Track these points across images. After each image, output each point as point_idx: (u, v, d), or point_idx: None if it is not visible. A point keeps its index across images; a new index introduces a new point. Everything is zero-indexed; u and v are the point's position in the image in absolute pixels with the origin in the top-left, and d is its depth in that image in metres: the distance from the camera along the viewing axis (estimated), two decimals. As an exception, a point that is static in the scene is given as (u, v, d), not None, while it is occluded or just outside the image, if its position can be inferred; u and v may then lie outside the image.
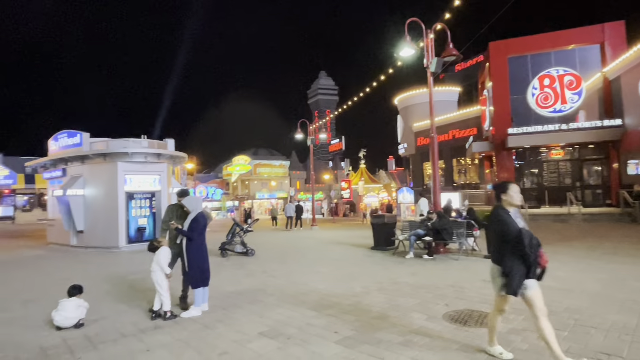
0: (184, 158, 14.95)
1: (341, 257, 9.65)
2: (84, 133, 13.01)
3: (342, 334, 4.03)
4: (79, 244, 12.90)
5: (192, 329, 4.34)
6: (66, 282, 5.69)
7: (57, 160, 13.91)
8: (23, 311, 5.30)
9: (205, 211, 5.13)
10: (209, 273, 4.97)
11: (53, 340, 4.08)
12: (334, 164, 69.53)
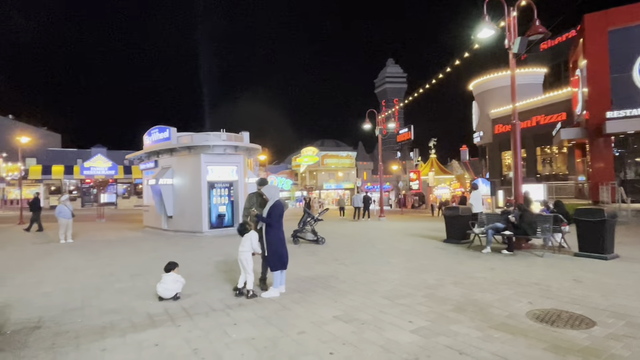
0: (258, 150, 15.79)
1: (412, 249, 9.49)
2: (172, 128, 14.42)
3: (416, 324, 4.02)
4: (169, 227, 14.44)
5: (271, 308, 4.67)
6: (162, 260, 6.48)
7: (151, 153, 15.63)
8: (132, 283, 6.15)
9: (282, 199, 5.43)
10: (287, 257, 5.27)
11: (157, 309, 4.70)
12: (402, 154, 67.77)
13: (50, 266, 7.80)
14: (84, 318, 4.40)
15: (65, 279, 6.49)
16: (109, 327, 4.10)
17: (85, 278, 6.56)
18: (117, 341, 3.70)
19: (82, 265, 7.89)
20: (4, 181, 37.90)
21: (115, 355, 3.37)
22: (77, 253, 9.55)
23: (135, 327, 4.09)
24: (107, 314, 4.52)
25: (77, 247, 10.74)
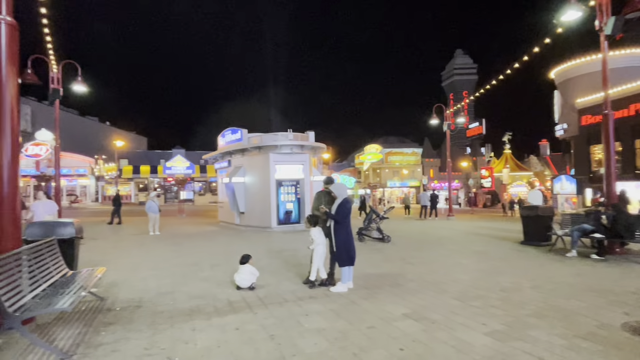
0: (322, 148, 16.13)
1: (484, 250, 9.01)
2: (243, 129, 15.35)
3: (490, 327, 3.87)
4: (241, 223, 15.41)
5: (340, 302, 4.81)
6: (236, 252, 6.99)
7: (224, 153, 16.82)
8: (212, 272, 6.74)
9: (350, 197, 5.55)
10: (355, 254, 5.39)
11: (235, 297, 5.12)
12: (472, 150, 64.04)
13: (143, 255, 8.84)
14: (175, 301, 4.96)
15: (157, 267, 7.32)
16: (196, 310, 4.57)
17: (172, 266, 7.33)
18: (203, 323, 4.12)
19: (169, 255, 8.80)
20: (104, 179, 43.37)
21: (203, 335, 3.77)
22: (164, 244, 10.67)
23: (218, 311, 4.51)
24: (194, 299, 5.04)
25: (164, 239, 11.98)
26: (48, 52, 12.16)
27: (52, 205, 8.84)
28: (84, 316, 4.38)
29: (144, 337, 3.74)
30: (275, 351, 3.38)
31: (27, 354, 3.36)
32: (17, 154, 3.97)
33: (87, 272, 4.90)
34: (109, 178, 42.53)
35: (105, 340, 3.67)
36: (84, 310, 4.60)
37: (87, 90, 13.41)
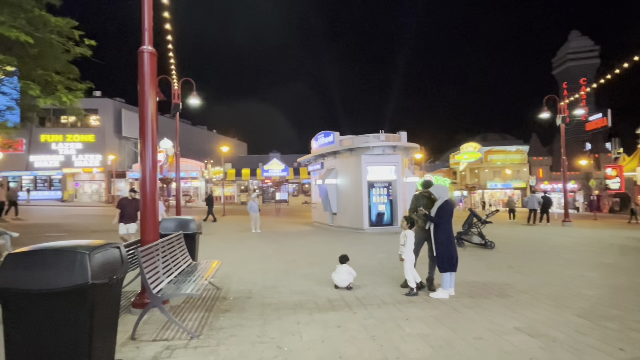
0: (415, 148, 15.63)
1: (615, 263, 7.71)
2: (335, 132, 15.72)
3: (631, 354, 3.30)
4: (334, 224, 15.79)
5: (442, 309, 4.61)
6: (331, 252, 7.19)
7: (317, 156, 17.45)
8: (311, 270, 7.06)
9: (452, 199, 5.29)
10: (457, 259, 5.11)
11: (334, 295, 5.28)
12: (593, 145, 55.27)
13: (248, 250, 9.67)
14: (279, 295, 5.33)
15: (261, 262, 7.95)
16: (299, 305, 4.84)
17: (274, 263, 7.87)
18: (306, 318, 4.34)
19: (270, 252, 9.47)
20: (212, 181, 48.62)
21: (307, 329, 3.98)
22: (265, 242, 11.51)
23: (319, 308, 4.71)
24: (296, 294, 5.35)
25: (264, 236, 12.93)
26: (171, 72, 14.16)
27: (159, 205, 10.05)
28: (205, 302, 4.98)
29: (255, 325, 4.10)
30: (378, 352, 3.39)
31: (166, 330, 3.96)
32: (156, 161, 4.72)
33: (205, 264, 5.57)
34: (216, 180, 47.50)
35: (224, 324, 4.12)
36: (204, 297, 5.23)
37: (200, 103, 15.23)
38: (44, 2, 6.90)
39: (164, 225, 5.96)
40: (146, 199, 4.69)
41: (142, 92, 4.61)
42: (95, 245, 2.67)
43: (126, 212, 8.55)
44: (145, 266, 3.83)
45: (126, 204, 8.67)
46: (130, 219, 8.54)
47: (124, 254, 3.03)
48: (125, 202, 8.73)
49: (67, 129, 36.96)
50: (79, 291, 2.45)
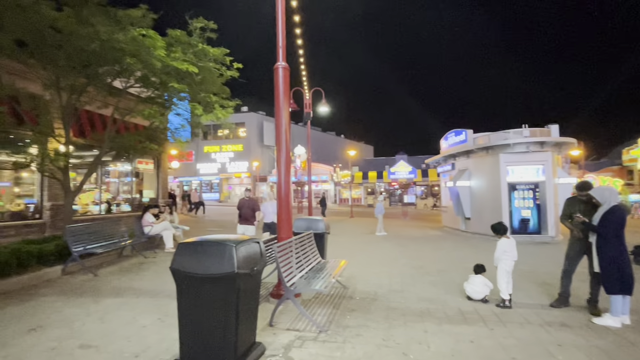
0: (571, 144, 13.17)
1: None
2: (468, 130, 14.49)
3: None
4: (467, 229, 14.54)
5: (610, 340, 3.74)
6: (462, 260, 6.61)
7: (447, 156, 16.38)
8: (439, 277, 6.66)
9: (623, 204, 4.26)
10: (633, 279, 4.08)
11: (467, 307, 4.85)
12: None
13: (373, 252, 9.72)
14: (405, 300, 5.19)
15: (386, 265, 7.88)
16: (426, 313, 4.62)
17: (400, 267, 7.71)
18: (435, 327, 4.10)
19: (396, 255, 9.31)
20: (340, 184, 50.80)
21: (435, 339, 3.76)
22: (390, 244, 11.37)
23: (449, 319, 4.39)
24: (423, 301, 5.11)
25: (390, 239, 12.79)
26: (303, 83, 15.40)
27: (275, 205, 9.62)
28: (332, 300, 5.21)
29: (381, 328, 4.08)
30: (520, 378, 2.96)
31: (298, 321, 4.29)
32: (289, 166, 5.18)
33: (333, 262, 5.83)
34: (344, 183, 49.41)
35: (350, 323, 4.23)
36: (332, 294, 5.47)
37: (329, 110, 16.09)
38: (204, 37, 8.39)
39: (296, 225, 6.48)
40: (281, 200, 5.18)
41: (277, 104, 5.14)
42: (241, 240, 3.08)
43: (242, 213, 8.39)
44: (280, 261, 4.23)
45: (242, 204, 8.47)
46: (246, 220, 8.35)
47: (263, 249, 3.41)
48: (242, 202, 8.53)
49: (222, 140, 43.95)
50: (228, 278, 2.87)
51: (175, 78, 8.08)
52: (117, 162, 14.93)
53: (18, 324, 4.18)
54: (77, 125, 9.73)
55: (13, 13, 6.65)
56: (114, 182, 15.76)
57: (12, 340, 3.73)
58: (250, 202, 8.47)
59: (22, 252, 6.02)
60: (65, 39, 7.26)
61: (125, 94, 9.09)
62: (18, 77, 8.31)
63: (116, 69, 8.24)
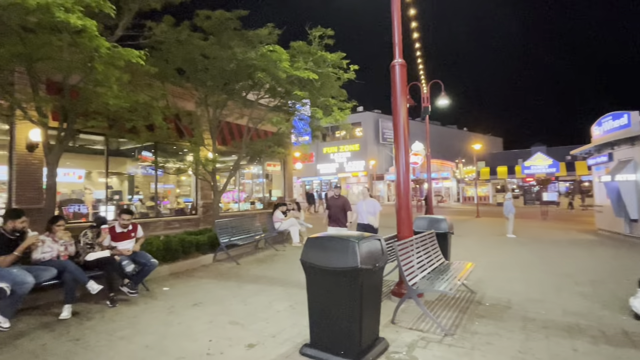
0: None
1: None
2: (633, 112, 11.80)
3: None
4: (632, 233, 11.84)
5: None
6: (627, 270, 5.42)
7: (601, 146, 13.63)
8: (592, 289, 5.62)
9: None
10: None
11: (634, 327, 3.99)
12: None
13: (504, 255, 8.75)
14: (547, 312, 4.55)
15: (522, 271, 7.02)
16: (576, 329, 3.97)
17: (539, 273, 6.76)
18: (589, 347, 3.50)
19: (534, 260, 8.19)
20: (464, 181, 47.18)
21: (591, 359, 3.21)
22: (526, 248, 10.05)
23: (608, 339, 3.69)
24: (571, 315, 4.40)
25: (525, 242, 11.31)
26: (420, 77, 14.85)
27: (373, 205, 7.47)
28: (457, 304, 4.92)
29: (516, 339, 3.68)
30: None
31: (421, 321, 4.20)
32: (408, 163, 5.10)
33: (458, 264, 5.48)
34: (468, 180, 45.71)
35: (478, 330, 3.94)
36: (457, 298, 5.16)
37: (449, 103, 15.14)
38: (323, 44, 8.89)
39: (417, 224, 6.32)
40: (401, 198, 5.13)
41: (394, 101, 5.11)
42: (363, 237, 3.19)
43: (331, 213, 7.39)
44: (401, 259, 4.20)
45: (331, 203, 7.49)
46: (336, 221, 7.31)
47: (384, 246, 3.45)
48: (331, 201, 7.55)
49: (340, 141, 45.59)
50: (352, 272, 3.00)
51: (297, 86, 8.78)
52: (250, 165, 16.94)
53: (185, 298, 5.16)
54: (220, 135, 11.40)
55: (175, 48, 8.19)
56: (248, 183, 17.95)
57: (182, 311, 4.63)
58: (340, 201, 7.47)
59: (186, 242, 7.39)
60: (211, 63, 8.61)
61: (257, 105, 10.27)
62: (178, 98, 10.19)
63: (249, 84, 9.39)
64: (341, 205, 7.38)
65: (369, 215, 7.28)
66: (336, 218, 7.35)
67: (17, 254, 4.29)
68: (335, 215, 7.37)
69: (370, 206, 7.38)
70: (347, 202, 7.51)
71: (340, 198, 7.53)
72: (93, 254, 5.06)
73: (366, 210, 7.36)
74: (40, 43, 4.52)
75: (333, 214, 7.40)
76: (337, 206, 7.40)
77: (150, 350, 3.51)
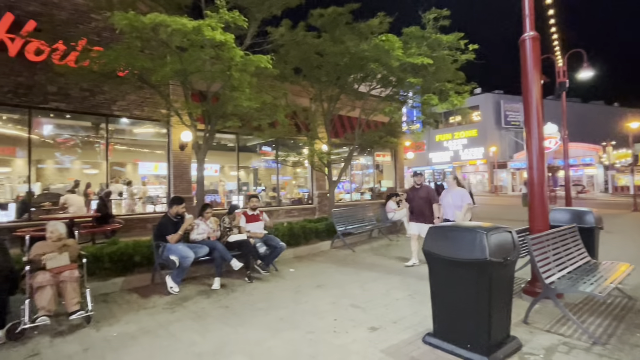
0: None
1: None
2: None
3: None
4: None
5: None
6: None
7: None
8: None
9: None
10: None
11: None
12: None
13: (680, 259, 7.05)
14: None
15: None
16: None
17: None
18: None
19: None
20: (613, 168, 39.23)
21: None
22: None
23: None
24: None
25: None
26: (553, 49, 12.84)
27: (461, 196, 6.21)
28: (609, 310, 4.22)
29: (697, 359, 3.00)
30: None
31: (561, 325, 3.75)
32: (542, 148, 4.54)
33: (608, 265, 4.68)
34: (621, 166, 37.83)
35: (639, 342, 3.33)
36: (609, 303, 4.43)
37: (592, 75, 12.75)
38: (437, 27, 8.44)
39: (553, 217, 5.59)
40: (534, 188, 4.61)
41: (525, 79, 4.58)
42: (491, 228, 3.01)
43: (413, 207, 6.43)
44: (535, 254, 3.81)
45: (413, 195, 6.49)
46: (420, 216, 6.31)
47: (516, 239, 3.19)
48: (412, 192, 6.56)
49: (454, 127, 42.56)
50: (480, 264, 2.87)
51: (411, 73, 8.55)
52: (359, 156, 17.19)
53: (309, 280, 5.63)
54: (332, 128, 11.89)
55: (292, 49, 8.82)
56: (357, 174, 18.28)
57: (308, 291, 5.07)
58: (423, 191, 6.35)
59: (306, 229, 7.99)
60: (325, 59, 9.01)
61: (368, 96, 10.37)
62: (295, 96, 10.96)
63: (361, 76, 9.52)
64: (425, 197, 6.29)
65: (455, 210, 6.09)
66: (420, 212, 6.32)
67: (181, 233, 5.29)
68: (418, 209, 6.34)
69: (457, 197, 6.13)
70: (432, 192, 6.39)
71: (423, 187, 6.44)
72: (233, 236, 5.90)
73: (452, 202, 6.14)
74: (192, 59, 5.45)
75: (416, 207, 6.38)
76: (419, 198, 6.32)
77: (284, 322, 3.96)
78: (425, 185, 6.56)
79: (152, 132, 11.15)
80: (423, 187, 6.42)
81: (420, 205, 6.29)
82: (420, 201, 6.31)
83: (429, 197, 6.27)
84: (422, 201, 6.27)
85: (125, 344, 3.48)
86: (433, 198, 6.26)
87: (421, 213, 6.30)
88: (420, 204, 6.29)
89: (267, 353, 3.27)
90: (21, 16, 8.44)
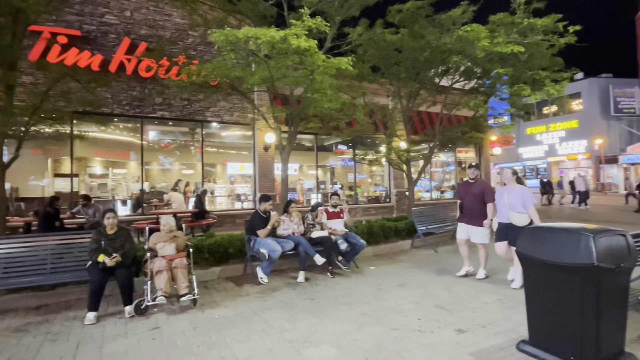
0: None
1: None
2: None
3: None
4: None
5: None
6: None
7: None
8: None
9: None
10: None
11: None
12: None
13: None
14: None
15: None
16: None
17: None
18: None
19: None
20: None
21: None
22: None
23: None
24: None
25: None
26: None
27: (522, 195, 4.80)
28: None
29: None
30: None
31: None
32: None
33: None
34: None
35: None
36: None
37: None
38: (530, 10, 7.70)
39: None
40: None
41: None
42: (600, 230, 2.73)
43: (465, 204, 5.44)
44: (657, 262, 3.33)
45: (464, 190, 5.47)
46: (471, 216, 5.33)
47: (632, 244, 2.84)
48: (462, 189, 5.55)
49: (549, 119, 38.15)
50: (585, 270, 2.62)
51: (498, 63, 7.97)
52: (439, 153, 16.45)
53: (390, 279, 5.63)
54: (411, 125, 11.61)
55: (370, 48, 8.84)
56: (437, 171, 17.51)
57: (389, 289, 5.09)
58: (477, 187, 5.31)
59: (386, 227, 7.96)
60: (403, 55, 8.85)
61: (450, 90, 9.91)
62: (373, 94, 10.95)
63: (442, 69, 9.15)
64: (478, 193, 5.24)
65: (512, 212, 4.80)
66: (471, 212, 5.32)
67: (269, 227, 5.70)
68: (469, 208, 5.33)
69: (516, 197, 4.79)
70: (489, 188, 5.31)
71: (478, 183, 5.33)
72: (316, 232, 6.16)
73: (508, 202, 4.84)
74: (278, 66, 5.82)
75: (467, 206, 5.37)
76: (472, 195, 5.27)
77: (367, 317, 4.05)
78: (481, 180, 5.49)
79: (239, 135, 12.12)
80: (478, 183, 5.37)
81: (472, 204, 5.30)
82: (472, 199, 5.29)
83: (484, 193, 5.24)
84: (475, 199, 5.27)
85: (226, 326, 3.90)
86: (489, 196, 5.22)
87: (472, 213, 5.32)
88: (472, 202, 5.29)
89: (353, 345, 3.39)
90: (135, 39, 9.85)
